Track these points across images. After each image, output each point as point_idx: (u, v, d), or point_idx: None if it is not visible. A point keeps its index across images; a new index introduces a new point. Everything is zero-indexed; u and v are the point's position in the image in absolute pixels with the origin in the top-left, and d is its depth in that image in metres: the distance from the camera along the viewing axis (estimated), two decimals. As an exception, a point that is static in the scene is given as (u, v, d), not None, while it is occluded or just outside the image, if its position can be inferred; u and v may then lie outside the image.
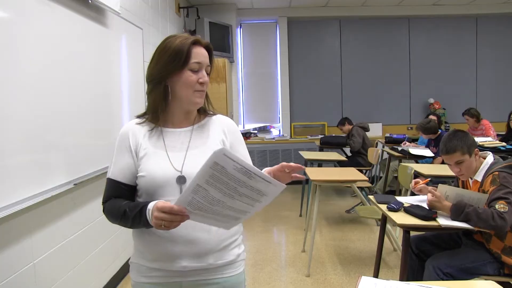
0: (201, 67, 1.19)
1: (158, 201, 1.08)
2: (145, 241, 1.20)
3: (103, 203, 1.23)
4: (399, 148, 4.71)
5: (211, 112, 1.31)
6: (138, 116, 1.27)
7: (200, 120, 1.28)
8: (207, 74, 1.22)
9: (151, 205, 1.09)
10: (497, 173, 2.03)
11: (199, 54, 1.19)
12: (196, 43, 1.19)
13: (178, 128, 1.25)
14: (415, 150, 4.46)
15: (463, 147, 2.13)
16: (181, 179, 1.16)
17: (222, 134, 1.27)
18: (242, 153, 1.29)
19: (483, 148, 3.84)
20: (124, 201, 1.18)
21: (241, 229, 1.31)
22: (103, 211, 1.22)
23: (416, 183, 2.33)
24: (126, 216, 1.13)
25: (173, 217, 1.03)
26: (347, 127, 5.65)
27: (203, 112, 1.30)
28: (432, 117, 5.15)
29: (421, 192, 2.29)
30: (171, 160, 1.19)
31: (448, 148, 2.17)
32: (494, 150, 3.84)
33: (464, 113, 5.28)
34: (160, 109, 1.21)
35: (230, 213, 1.03)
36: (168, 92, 1.19)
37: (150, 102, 1.23)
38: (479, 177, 2.16)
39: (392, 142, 5.45)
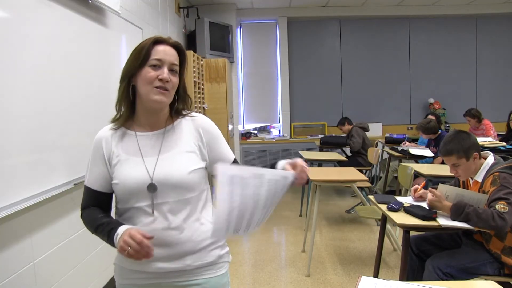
0: (162, 64, 1.15)
1: (132, 227, 1.11)
2: None
3: (82, 209, 1.24)
4: (399, 148, 4.71)
5: (185, 113, 1.27)
6: (112, 121, 1.26)
7: (172, 122, 1.25)
8: (176, 73, 1.19)
9: (121, 230, 1.11)
10: (497, 173, 2.03)
11: (160, 51, 1.16)
12: (159, 41, 1.18)
13: (150, 132, 1.22)
14: (415, 150, 4.46)
15: (459, 151, 2.14)
16: (151, 187, 1.15)
17: (197, 134, 1.24)
18: (223, 148, 1.27)
19: (483, 148, 3.83)
20: (100, 213, 1.19)
21: None
22: (81, 217, 1.24)
23: (415, 190, 2.34)
24: (98, 232, 1.17)
25: (140, 249, 1.06)
26: (347, 127, 5.65)
27: (176, 114, 1.26)
28: (430, 116, 5.14)
29: (421, 198, 2.30)
30: (141, 167, 1.17)
31: (444, 151, 2.19)
32: (494, 150, 3.84)
33: (465, 114, 5.27)
34: (124, 107, 1.20)
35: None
36: (129, 90, 1.19)
37: (116, 102, 1.23)
38: (479, 177, 2.16)
39: (392, 142, 5.45)
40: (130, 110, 1.22)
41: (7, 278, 1.75)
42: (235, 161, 1.31)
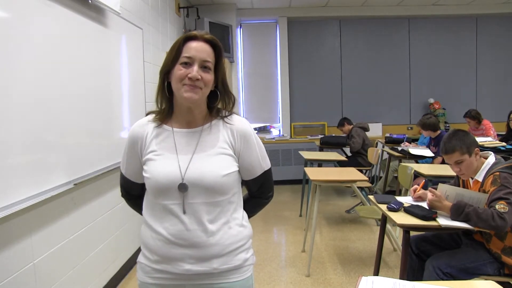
0: (192, 61, 1.14)
1: None
2: (150, 242, 1.19)
3: (123, 195, 1.33)
4: (399, 148, 4.72)
5: (225, 113, 1.23)
6: (152, 112, 1.25)
7: (210, 121, 1.22)
8: (210, 70, 1.16)
9: None
10: (498, 173, 2.03)
11: (191, 48, 1.15)
12: (192, 38, 1.17)
13: (187, 129, 1.20)
14: (415, 150, 4.46)
15: (462, 147, 2.13)
16: (182, 187, 1.13)
17: (232, 138, 1.20)
18: (252, 160, 1.23)
19: (483, 148, 3.84)
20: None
21: (250, 234, 1.27)
22: (124, 199, 1.36)
23: (414, 190, 2.34)
24: None
25: None
26: (347, 127, 5.65)
27: (217, 113, 1.23)
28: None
29: (420, 198, 2.30)
30: (174, 164, 1.16)
31: (447, 148, 2.18)
32: (494, 150, 3.83)
33: (465, 115, 5.27)
34: (161, 104, 1.21)
35: None
36: (165, 87, 1.18)
37: (155, 97, 1.22)
38: (479, 177, 2.16)
39: (392, 142, 5.45)
40: (169, 106, 1.21)
41: (7, 278, 1.75)
42: (265, 173, 1.27)
